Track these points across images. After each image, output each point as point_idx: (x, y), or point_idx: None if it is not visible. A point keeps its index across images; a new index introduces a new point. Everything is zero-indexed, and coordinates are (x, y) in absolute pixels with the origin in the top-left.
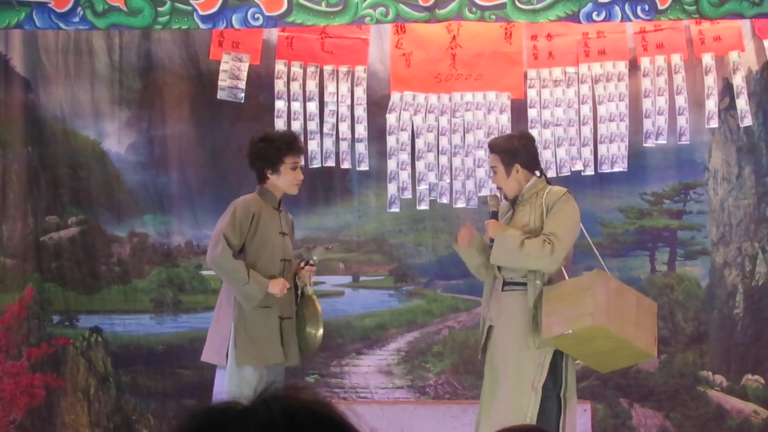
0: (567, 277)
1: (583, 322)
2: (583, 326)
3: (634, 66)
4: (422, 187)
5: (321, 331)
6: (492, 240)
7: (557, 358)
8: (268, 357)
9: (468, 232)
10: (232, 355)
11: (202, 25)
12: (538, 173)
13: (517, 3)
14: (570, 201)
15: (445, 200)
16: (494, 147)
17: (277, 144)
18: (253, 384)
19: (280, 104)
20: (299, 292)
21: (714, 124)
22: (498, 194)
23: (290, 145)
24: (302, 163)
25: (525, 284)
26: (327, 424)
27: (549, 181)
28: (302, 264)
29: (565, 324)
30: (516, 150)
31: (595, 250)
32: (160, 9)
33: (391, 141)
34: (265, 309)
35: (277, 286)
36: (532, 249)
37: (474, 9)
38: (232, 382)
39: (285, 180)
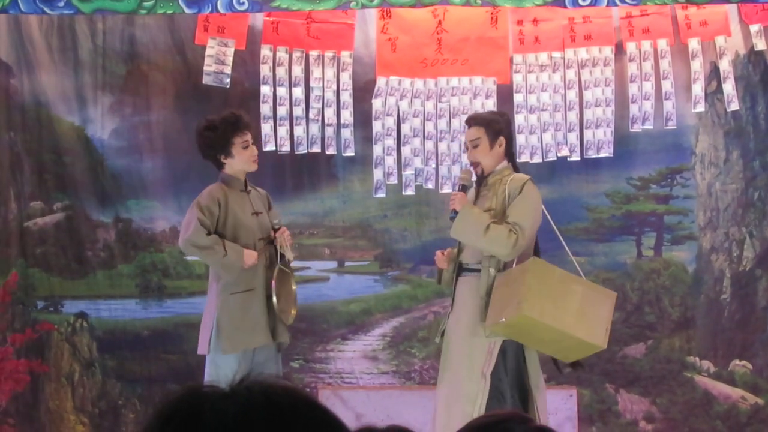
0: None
1: (514, 310)
2: (513, 315)
3: (620, 51)
4: (408, 172)
5: (294, 312)
6: (454, 212)
7: (507, 345)
8: (253, 341)
9: (445, 257)
10: (215, 344)
11: (187, 10)
12: (506, 160)
13: None
14: (533, 189)
15: (430, 185)
16: (478, 119)
17: (221, 128)
18: (234, 371)
19: (265, 89)
20: (279, 257)
21: (700, 108)
22: (471, 170)
23: (234, 125)
24: (252, 139)
25: (479, 270)
26: (305, 406)
27: (517, 169)
28: (274, 233)
29: (502, 313)
30: (501, 125)
31: (561, 238)
32: None
33: (376, 126)
34: (248, 293)
35: (251, 258)
36: (497, 235)
37: None
38: (212, 371)
39: (240, 160)
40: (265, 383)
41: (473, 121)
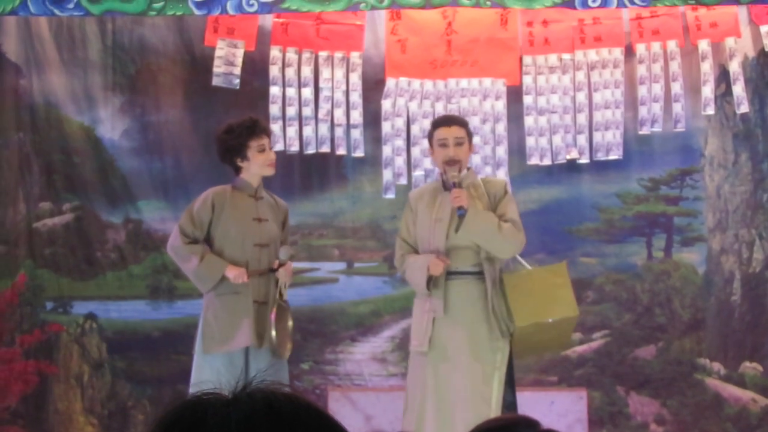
0: (527, 265)
1: (564, 312)
2: (564, 316)
3: (629, 52)
4: (417, 173)
5: (289, 346)
6: (460, 209)
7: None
8: (234, 342)
9: (443, 263)
10: (199, 343)
11: (196, 11)
12: None
13: None
14: (510, 192)
15: None
16: (459, 120)
17: (237, 132)
18: (221, 371)
19: (274, 90)
20: (278, 291)
21: (710, 111)
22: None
23: (250, 129)
24: (270, 144)
25: (474, 273)
26: (307, 413)
27: None
28: (277, 266)
29: (544, 313)
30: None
31: None
32: None
33: (386, 127)
34: (234, 295)
35: (233, 272)
36: (510, 233)
37: None
38: (197, 370)
39: (256, 164)
40: (267, 390)
41: (453, 121)
